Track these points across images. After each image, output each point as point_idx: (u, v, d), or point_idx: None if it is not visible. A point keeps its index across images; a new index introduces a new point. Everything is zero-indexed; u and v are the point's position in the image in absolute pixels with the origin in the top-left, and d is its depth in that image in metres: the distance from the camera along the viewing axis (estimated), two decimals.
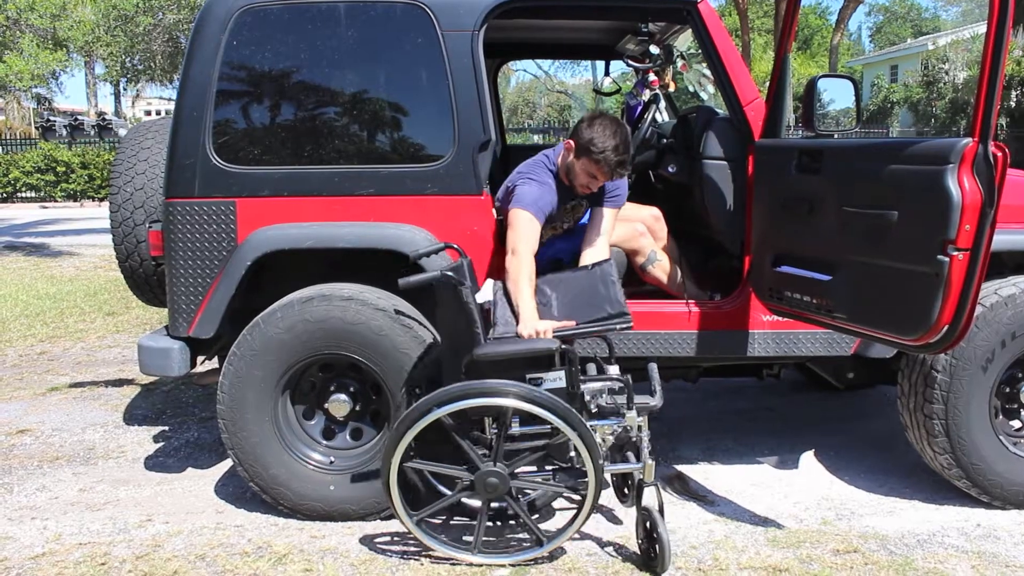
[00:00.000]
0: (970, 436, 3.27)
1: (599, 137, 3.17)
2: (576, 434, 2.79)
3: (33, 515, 3.43)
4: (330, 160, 3.32)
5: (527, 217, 3.20)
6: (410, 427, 2.83)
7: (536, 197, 3.26)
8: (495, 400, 2.80)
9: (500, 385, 2.81)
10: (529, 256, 3.14)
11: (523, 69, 49.90)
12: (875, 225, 2.79)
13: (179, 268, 3.34)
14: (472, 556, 2.93)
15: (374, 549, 3.09)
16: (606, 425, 2.95)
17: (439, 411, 2.81)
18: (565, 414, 2.80)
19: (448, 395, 2.83)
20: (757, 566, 2.95)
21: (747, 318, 3.44)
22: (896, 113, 31.11)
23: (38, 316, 7.33)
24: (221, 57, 3.28)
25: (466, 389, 2.83)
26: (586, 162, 3.23)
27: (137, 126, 4.28)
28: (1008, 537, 3.16)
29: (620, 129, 3.21)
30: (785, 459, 3.96)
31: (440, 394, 2.84)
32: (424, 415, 2.82)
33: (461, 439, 2.87)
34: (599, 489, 2.86)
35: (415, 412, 2.84)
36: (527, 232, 3.18)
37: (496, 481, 2.87)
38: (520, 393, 2.80)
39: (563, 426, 2.79)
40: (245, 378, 3.23)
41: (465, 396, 2.82)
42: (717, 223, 3.51)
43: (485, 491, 2.88)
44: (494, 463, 2.87)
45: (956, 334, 2.65)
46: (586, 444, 2.80)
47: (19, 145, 23.07)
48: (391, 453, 2.85)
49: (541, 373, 2.89)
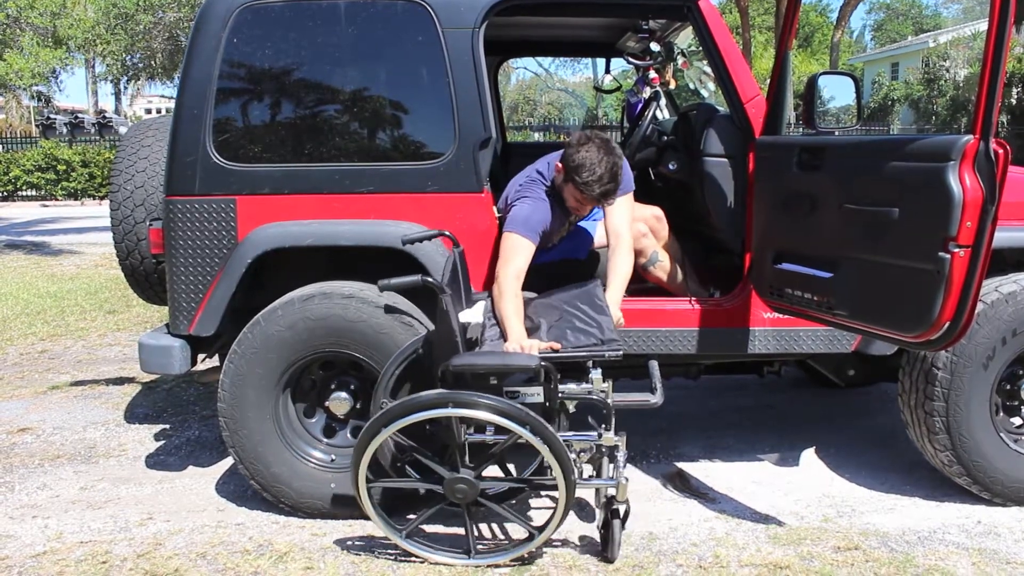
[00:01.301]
0: (971, 433, 3.27)
1: (585, 166, 3.11)
2: (548, 449, 2.75)
3: (34, 513, 3.43)
4: (331, 158, 3.32)
5: (516, 240, 3.19)
6: (391, 423, 2.79)
7: (527, 216, 3.24)
8: (470, 412, 2.76)
9: (474, 398, 2.76)
10: (515, 280, 3.12)
11: (523, 67, 49.91)
12: (876, 222, 2.78)
13: (180, 266, 3.34)
14: (469, 560, 2.92)
15: (375, 546, 3.09)
16: (582, 440, 2.93)
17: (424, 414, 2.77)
18: (539, 428, 2.75)
19: (420, 403, 2.79)
20: (758, 563, 2.95)
21: (748, 315, 3.43)
22: (897, 111, 31.07)
23: (39, 314, 7.33)
24: (221, 55, 3.27)
25: (442, 398, 2.78)
26: (572, 188, 3.19)
27: (137, 124, 4.27)
28: (1009, 534, 3.16)
29: (608, 156, 3.13)
30: (786, 456, 3.96)
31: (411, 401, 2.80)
32: (391, 423, 2.79)
33: (420, 453, 2.88)
34: (570, 502, 2.83)
35: (380, 419, 2.81)
36: (513, 255, 3.17)
37: (466, 489, 2.85)
38: (494, 406, 2.75)
39: (537, 442, 2.74)
40: (246, 376, 3.23)
41: (437, 405, 2.77)
42: (718, 220, 3.51)
43: (453, 494, 2.86)
44: (458, 470, 2.85)
45: (957, 331, 2.65)
46: (558, 459, 2.76)
47: (20, 143, 23.05)
48: (362, 449, 2.83)
49: (519, 388, 2.87)
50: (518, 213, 3.27)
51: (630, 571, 2.90)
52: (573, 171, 3.14)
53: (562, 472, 2.78)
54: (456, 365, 2.80)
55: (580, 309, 3.10)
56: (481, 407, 2.76)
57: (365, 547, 3.09)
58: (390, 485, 2.96)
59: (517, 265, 3.16)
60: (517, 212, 3.27)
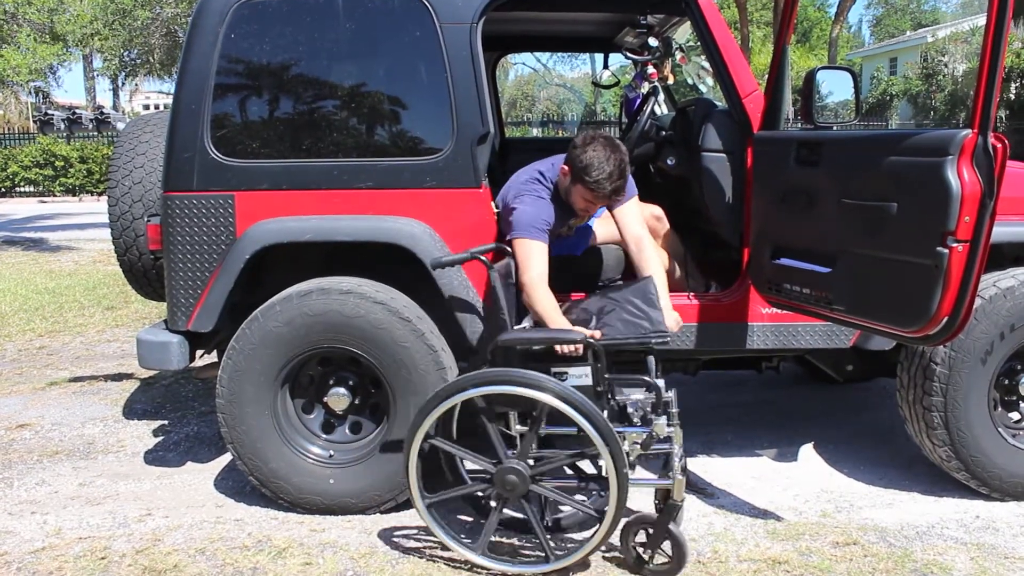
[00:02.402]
0: (969, 428, 3.27)
1: (594, 164, 3.06)
2: (602, 440, 2.65)
3: (33, 509, 3.43)
4: (328, 153, 3.31)
5: (528, 244, 3.13)
6: (442, 402, 2.74)
7: (531, 218, 3.17)
8: (531, 392, 2.68)
9: (538, 378, 2.70)
10: (543, 283, 3.07)
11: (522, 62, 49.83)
12: (874, 217, 2.78)
13: (178, 262, 3.33)
14: (474, 555, 2.83)
15: (374, 542, 3.09)
16: (634, 432, 2.81)
17: (474, 391, 2.72)
18: (594, 417, 2.66)
19: (484, 378, 2.74)
20: (756, 558, 2.96)
21: (746, 311, 3.43)
22: (895, 106, 31.07)
23: (37, 311, 7.32)
24: (219, 50, 3.27)
25: (504, 375, 2.73)
26: (581, 188, 3.14)
27: (135, 120, 4.26)
28: (1007, 529, 3.16)
29: (615, 153, 3.09)
30: (784, 452, 3.97)
31: (477, 375, 2.75)
32: (457, 392, 2.73)
33: (490, 425, 2.77)
34: (622, 504, 2.69)
35: (449, 388, 2.75)
36: (530, 259, 3.10)
37: (515, 480, 2.74)
38: (555, 389, 2.68)
39: (590, 430, 2.64)
40: (244, 372, 3.23)
41: (501, 382, 2.71)
42: (716, 215, 3.51)
43: (503, 487, 2.76)
44: (518, 460, 2.77)
45: (955, 326, 2.65)
46: (611, 451, 2.65)
47: (17, 140, 23.03)
48: (417, 426, 2.76)
49: (566, 368, 2.82)
50: (520, 217, 3.19)
51: (628, 566, 2.90)
52: (582, 171, 3.09)
53: (614, 464, 2.65)
54: (505, 340, 2.79)
55: (631, 302, 3.08)
56: (533, 386, 2.68)
57: (364, 543, 3.09)
58: (446, 447, 2.82)
59: (538, 269, 3.10)
60: (519, 216, 3.20)
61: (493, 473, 2.78)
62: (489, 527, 2.84)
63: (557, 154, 3.38)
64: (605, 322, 3.03)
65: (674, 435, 2.81)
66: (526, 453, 2.77)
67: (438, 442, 2.82)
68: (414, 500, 2.86)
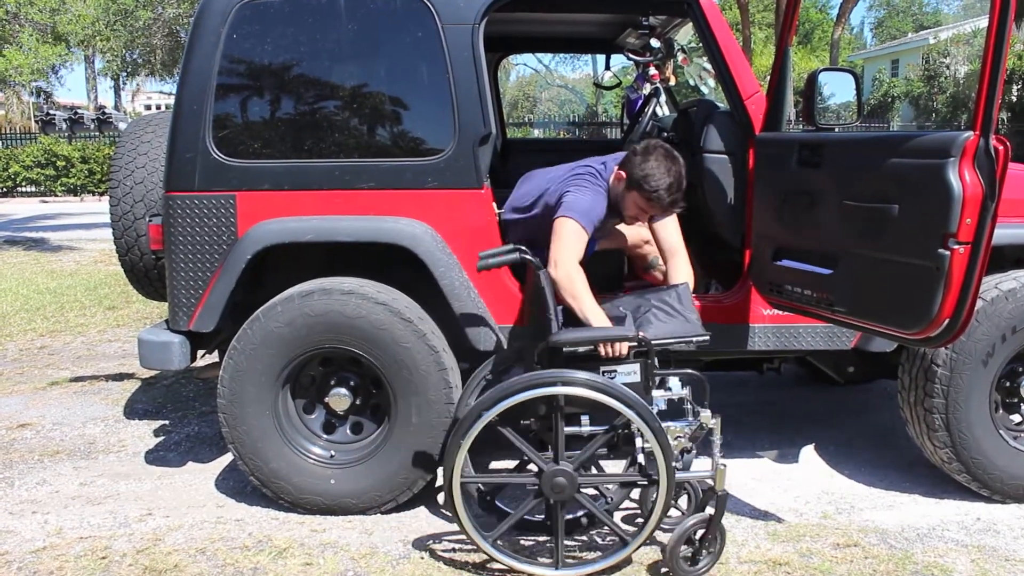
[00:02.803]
0: (970, 430, 3.27)
1: (654, 174, 3.06)
2: (652, 433, 2.65)
3: (34, 509, 3.43)
4: (330, 154, 3.31)
5: (576, 229, 3.08)
6: (495, 405, 2.68)
7: (588, 207, 3.14)
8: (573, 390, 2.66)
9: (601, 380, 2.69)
10: (578, 267, 3.04)
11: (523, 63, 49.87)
12: (876, 219, 2.78)
13: (179, 262, 3.34)
14: (556, 572, 2.77)
15: (374, 543, 3.09)
16: (679, 426, 2.80)
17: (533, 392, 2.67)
18: (643, 411, 2.66)
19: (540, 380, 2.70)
20: (757, 560, 2.95)
21: (747, 312, 3.43)
22: (897, 108, 31.06)
23: (38, 310, 7.33)
24: (221, 51, 3.27)
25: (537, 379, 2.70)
26: (637, 197, 3.13)
27: (137, 120, 4.27)
28: (1008, 531, 3.16)
29: (675, 165, 3.10)
30: (785, 453, 3.96)
31: (533, 377, 2.71)
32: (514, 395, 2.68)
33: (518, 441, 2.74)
34: (669, 500, 2.71)
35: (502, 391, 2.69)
36: (575, 245, 3.07)
37: (563, 481, 2.71)
38: (597, 385, 2.67)
39: (642, 425, 2.65)
40: (245, 372, 3.23)
41: (540, 385, 2.68)
42: (718, 217, 3.51)
43: (553, 493, 2.72)
44: (556, 461, 2.72)
45: (957, 328, 2.65)
46: (660, 445, 2.65)
47: (19, 139, 23.05)
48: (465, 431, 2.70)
49: (615, 366, 2.81)
50: (579, 201, 3.15)
51: (630, 568, 2.90)
52: (641, 180, 3.08)
53: (664, 460, 2.66)
54: (555, 341, 2.76)
55: (666, 303, 3.08)
56: (586, 385, 2.67)
57: (364, 544, 3.09)
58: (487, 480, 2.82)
59: (577, 251, 3.07)
60: (577, 200, 3.15)
61: (544, 471, 2.73)
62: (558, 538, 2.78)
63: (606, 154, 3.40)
64: (642, 321, 3.02)
65: (715, 426, 2.82)
66: (577, 455, 2.74)
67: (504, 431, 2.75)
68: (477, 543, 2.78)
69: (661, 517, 2.75)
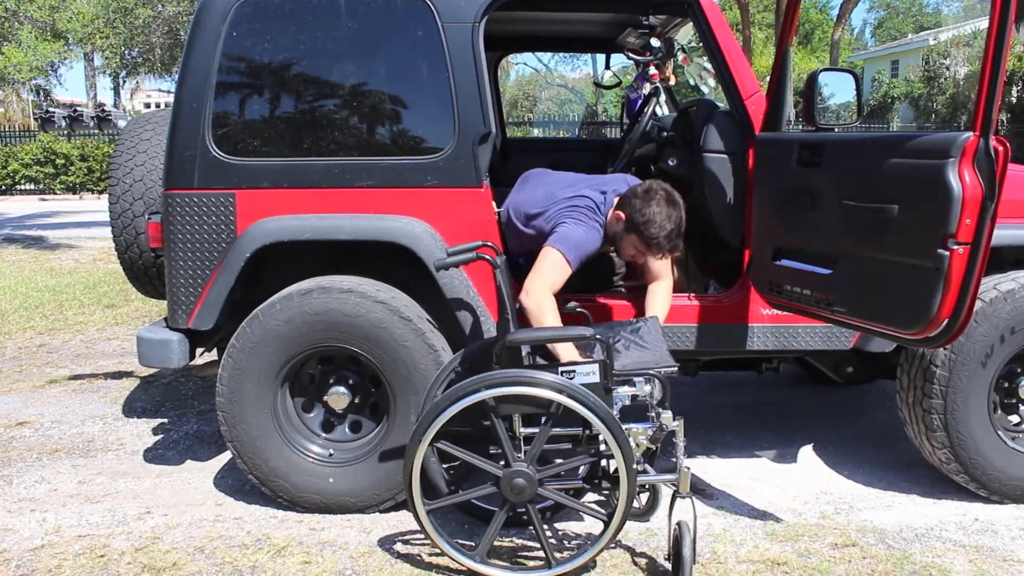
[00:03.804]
0: (969, 431, 3.27)
1: (654, 221, 3.10)
2: (612, 437, 2.64)
3: (32, 507, 3.43)
4: (330, 152, 3.31)
5: (561, 262, 3.11)
6: (452, 404, 2.68)
7: (580, 243, 3.17)
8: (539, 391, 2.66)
9: (553, 378, 2.67)
10: (551, 299, 3.07)
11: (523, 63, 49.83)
12: (875, 219, 2.78)
13: (178, 260, 3.34)
14: (473, 562, 2.77)
15: (372, 541, 3.09)
16: (640, 428, 2.78)
17: (487, 392, 2.66)
18: (605, 416, 2.65)
19: (494, 380, 2.69)
20: (755, 559, 2.96)
21: (747, 312, 3.43)
22: (897, 108, 31.06)
23: (37, 308, 7.33)
24: (221, 48, 3.27)
25: (514, 376, 2.70)
26: (636, 239, 3.17)
27: (136, 118, 4.27)
28: (1006, 531, 3.16)
29: (675, 211, 3.13)
30: (784, 453, 3.97)
31: (487, 377, 2.70)
32: (470, 395, 2.67)
33: (500, 429, 2.71)
34: (630, 503, 2.69)
35: (460, 391, 2.69)
36: (554, 276, 3.10)
37: (523, 483, 2.70)
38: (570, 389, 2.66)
39: (603, 429, 2.64)
40: (244, 370, 3.23)
41: (514, 383, 2.67)
42: (717, 216, 3.51)
43: (511, 491, 2.71)
44: (527, 464, 2.71)
45: (956, 328, 2.65)
46: (621, 448, 2.64)
47: (18, 137, 23.02)
48: (424, 429, 2.70)
49: (574, 367, 2.79)
50: (572, 234, 3.18)
51: (628, 567, 2.90)
52: (642, 225, 3.11)
53: (624, 461, 2.65)
54: (512, 340, 2.75)
55: (637, 334, 3.10)
56: (544, 386, 2.66)
57: (363, 542, 3.09)
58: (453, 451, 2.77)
59: (554, 283, 3.10)
60: (572, 233, 3.18)
61: (500, 477, 2.72)
62: (490, 533, 2.78)
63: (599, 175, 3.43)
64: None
65: (678, 428, 2.80)
66: (534, 456, 2.73)
67: (444, 445, 2.76)
68: (414, 504, 2.77)
69: (622, 521, 2.71)
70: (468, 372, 3.03)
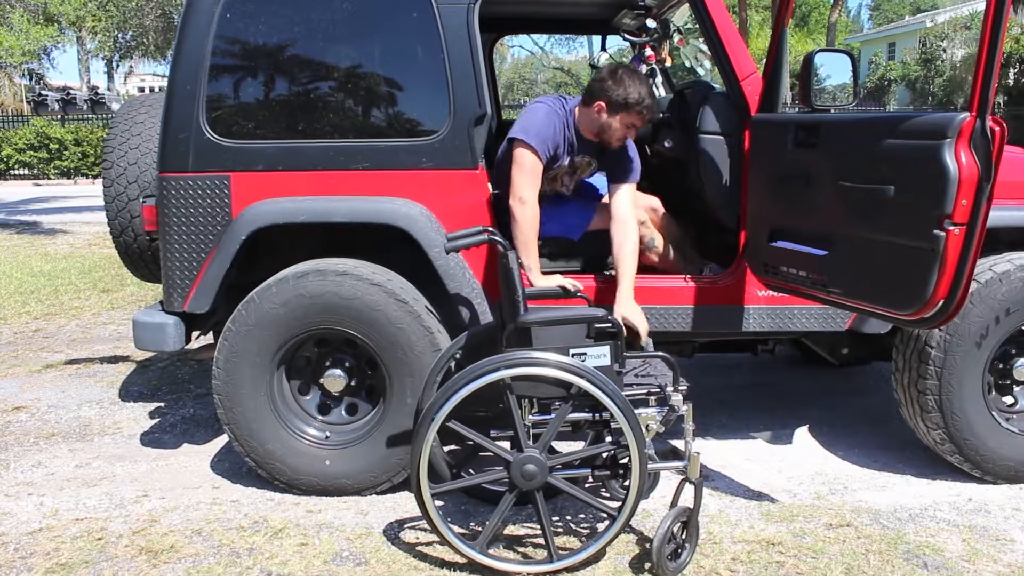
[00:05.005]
0: (963, 412, 3.28)
1: (632, 91, 3.27)
2: (626, 422, 2.61)
3: (30, 491, 3.43)
4: (325, 134, 3.30)
5: (527, 154, 3.26)
6: (469, 383, 2.63)
7: (542, 126, 3.31)
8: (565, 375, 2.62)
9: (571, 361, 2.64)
10: (520, 205, 3.24)
11: (519, 45, 49.68)
12: (871, 200, 2.78)
13: (173, 243, 3.33)
14: (474, 552, 2.71)
15: (369, 523, 3.10)
16: (651, 413, 2.77)
17: (505, 372, 2.62)
18: (621, 402, 2.62)
19: (514, 360, 2.65)
20: (751, 540, 2.97)
21: (742, 293, 3.44)
22: (894, 91, 31.01)
23: (32, 294, 7.31)
24: (215, 30, 3.24)
25: (530, 359, 2.65)
26: (625, 116, 3.32)
27: (130, 101, 4.24)
28: (999, 511, 3.18)
29: (639, 74, 3.35)
30: (779, 434, 3.98)
31: (500, 359, 2.66)
32: (488, 373, 2.63)
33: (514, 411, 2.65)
34: (642, 489, 2.66)
35: (477, 370, 2.64)
36: (527, 170, 3.27)
37: (534, 470, 2.64)
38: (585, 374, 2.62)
39: (618, 415, 2.61)
40: (240, 353, 3.23)
41: (529, 364, 2.63)
42: (713, 198, 3.51)
43: (520, 477, 2.65)
44: (540, 451, 2.66)
45: (951, 309, 2.65)
46: (634, 434, 2.61)
47: (11, 122, 22.91)
48: (438, 408, 2.64)
49: (585, 348, 2.77)
50: (530, 121, 3.33)
51: (624, 547, 2.92)
52: (624, 99, 3.28)
53: (636, 445, 2.62)
54: (524, 322, 2.73)
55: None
56: (555, 366, 2.62)
57: (360, 524, 3.10)
58: (454, 487, 2.75)
59: (531, 175, 3.27)
60: (529, 119, 3.34)
61: (511, 462, 2.66)
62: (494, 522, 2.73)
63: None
64: None
65: (687, 412, 2.79)
66: (546, 442, 2.69)
67: (455, 425, 2.70)
68: (420, 485, 2.69)
69: (635, 506, 2.70)
70: (469, 356, 3.02)
